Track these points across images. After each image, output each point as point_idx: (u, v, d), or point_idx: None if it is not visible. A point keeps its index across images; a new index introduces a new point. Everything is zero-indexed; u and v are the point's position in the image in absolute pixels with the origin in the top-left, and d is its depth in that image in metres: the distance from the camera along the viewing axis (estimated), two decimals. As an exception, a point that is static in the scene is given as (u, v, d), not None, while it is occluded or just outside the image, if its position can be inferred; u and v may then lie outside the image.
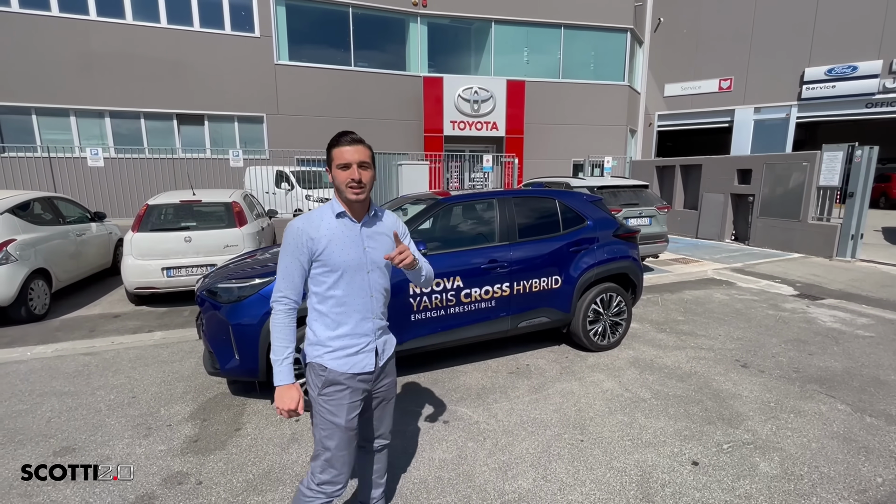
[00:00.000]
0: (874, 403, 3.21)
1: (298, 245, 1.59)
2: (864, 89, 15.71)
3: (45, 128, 12.65)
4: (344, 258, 1.62)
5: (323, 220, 1.63)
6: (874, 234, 10.62)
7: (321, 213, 1.66)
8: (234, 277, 3.07)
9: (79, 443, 2.78)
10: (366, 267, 1.66)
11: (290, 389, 1.58)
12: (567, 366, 3.88)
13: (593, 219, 4.17)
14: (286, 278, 1.61)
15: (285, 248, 1.62)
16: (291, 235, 1.61)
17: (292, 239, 1.60)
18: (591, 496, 2.30)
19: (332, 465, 1.64)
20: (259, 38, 13.88)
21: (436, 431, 2.89)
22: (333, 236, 1.62)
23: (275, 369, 1.59)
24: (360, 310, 1.66)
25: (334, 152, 1.60)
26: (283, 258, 1.62)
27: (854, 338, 4.50)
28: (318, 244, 1.60)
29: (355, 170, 1.57)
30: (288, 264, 1.61)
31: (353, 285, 1.64)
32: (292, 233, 1.61)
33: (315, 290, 1.65)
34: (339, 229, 1.63)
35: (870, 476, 2.44)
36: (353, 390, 1.66)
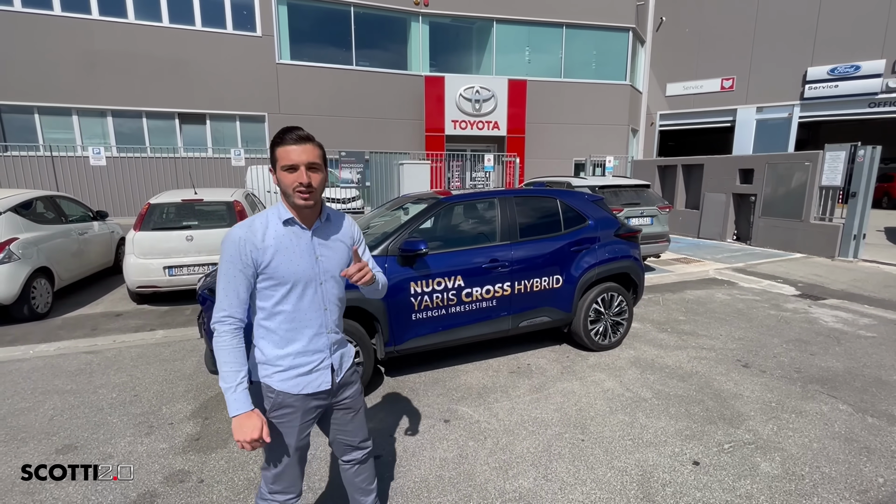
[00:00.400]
0: (876, 404, 3.20)
1: (241, 256, 1.41)
2: (867, 89, 15.66)
3: (48, 127, 12.69)
4: (293, 270, 1.45)
5: (268, 228, 1.45)
6: (877, 235, 10.59)
7: (265, 219, 1.47)
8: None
9: (81, 441, 2.79)
10: (318, 278, 1.50)
11: (251, 417, 1.38)
12: (568, 365, 3.88)
13: (594, 218, 4.17)
14: (229, 295, 1.42)
15: (225, 261, 1.42)
16: (232, 246, 1.42)
17: (234, 250, 1.41)
18: (592, 496, 2.30)
19: (281, 479, 1.56)
20: (261, 38, 13.89)
21: (437, 430, 2.89)
22: (280, 246, 1.45)
23: (228, 398, 1.38)
24: (313, 325, 1.50)
25: (279, 152, 1.42)
26: (224, 273, 1.42)
27: (856, 338, 4.49)
28: (264, 255, 1.42)
29: (303, 172, 1.40)
30: (230, 279, 1.42)
31: (304, 299, 1.48)
32: (233, 243, 1.42)
33: (261, 306, 1.48)
34: (287, 238, 1.46)
35: (871, 476, 2.44)
36: (304, 411, 1.53)
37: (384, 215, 4.42)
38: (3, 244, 4.82)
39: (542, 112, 16.21)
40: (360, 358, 3.20)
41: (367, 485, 1.84)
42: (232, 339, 1.41)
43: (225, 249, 1.43)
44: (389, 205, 4.59)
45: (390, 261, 3.28)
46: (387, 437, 2.81)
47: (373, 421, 3.00)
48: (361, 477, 1.82)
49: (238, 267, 1.41)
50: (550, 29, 16.58)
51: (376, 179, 10.55)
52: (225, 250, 1.43)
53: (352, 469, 1.79)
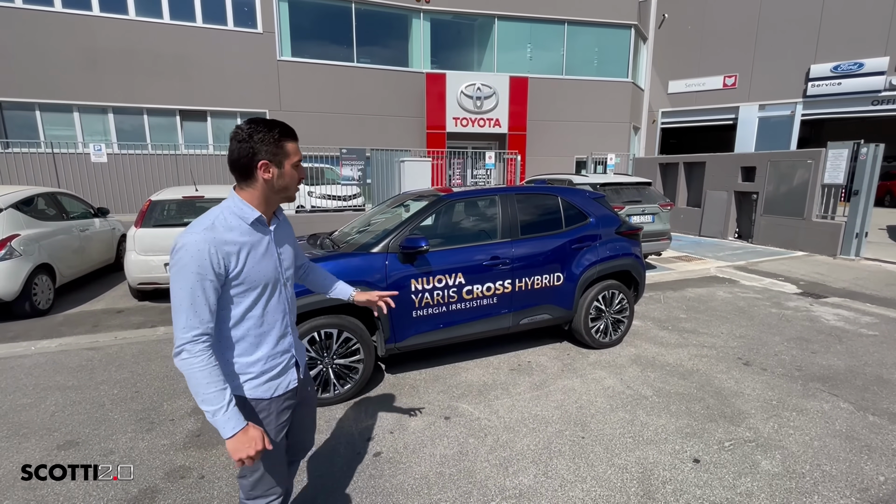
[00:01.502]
0: (877, 402, 3.19)
1: (211, 264, 1.27)
2: (871, 86, 15.58)
3: (49, 124, 12.69)
4: (263, 272, 1.39)
5: (233, 230, 1.34)
6: (879, 233, 10.56)
7: (224, 220, 1.34)
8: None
9: (82, 437, 2.80)
10: (282, 279, 1.47)
11: (248, 431, 1.30)
12: (569, 363, 3.88)
13: (596, 216, 4.16)
14: (199, 310, 1.27)
15: (191, 272, 1.26)
16: (198, 254, 1.26)
17: (201, 258, 1.26)
18: (592, 493, 2.30)
19: (262, 483, 1.50)
20: (262, 35, 13.86)
21: (437, 427, 2.90)
22: (250, 248, 1.36)
23: (219, 420, 1.26)
24: (280, 327, 1.47)
25: (290, 147, 1.38)
26: (190, 285, 1.26)
27: (857, 336, 4.48)
28: (236, 259, 1.32)
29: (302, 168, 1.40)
30: (199, 291, 1.27)
31: (271, 301, 1.44)
32: (198, 250, 1.26)
33: (228, 314, 1.38)
34: (254, 238, 1.38)
35: (872, 475, 2.43)
36: (278, 413, 1.48)
37: (385, 212, 4.42)
38: (5, 241, 4.82)
39: (544, 109, 16.16)
40: (361, 355, 3.20)
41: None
42: (210, 358, 1.28)
43: (188, 259, 1.26)
44: (390, 202, 4.59)
45: (391, 258, 3.27)
46: (387, 434, 2.82)
47: (373, 418, 3.00)
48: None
49: (208, 276, 1.27)
50: (552, 26, 16.51)
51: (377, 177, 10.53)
52: (188, 260, 1.26)
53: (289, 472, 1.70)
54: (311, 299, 2.99)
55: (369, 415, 3.05)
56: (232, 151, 1.35)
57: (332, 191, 10.69)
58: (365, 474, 2.44)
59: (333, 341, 3.10)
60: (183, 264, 1.26)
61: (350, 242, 3.66)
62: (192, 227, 1.31)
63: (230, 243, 1.32)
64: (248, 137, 1.33)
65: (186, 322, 1.26)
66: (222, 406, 1.26)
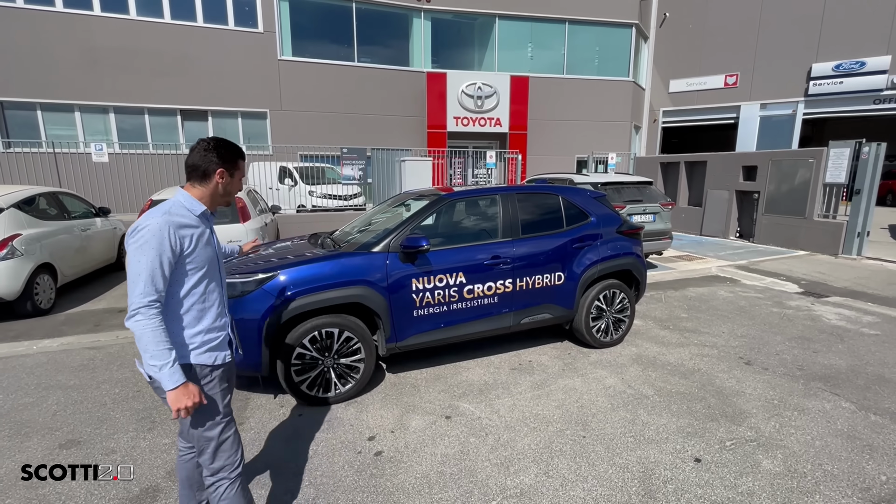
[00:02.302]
0: (879, 401, 3.19)
1: (169, 242, 1.53)
2: (872, 85, 15.55)
3: (50, 123, 12.71)
4: (208, 254, 1.67)
5: (185, 218, 1.61)
6: (881, 232, 10.54)
7: (180, 209, 1.62)
8: (238, 273, 3.08)
9: (84, 436, 2.80)
10: (220, 263, 1.79)
11: (188, 385, 1.53)
12: (569, 362, 3.87)
13: (597, 215, 4.15)
14: (156, 279, 1.50)
15: (150, 247, 1.50)
16: (158, 232, 1.51)
17: (161, 235, 1.51)
18: (594, 492, 2.30)
19: (221, 450, 1.71)
20: (262, 34, 13.86)
21: (438, 427, 2.90)
22: (198, 233, 1.64)
23: (164, 374, 1.48)
24: (218, 305, 1.73)
25: (241, 164, 1.77)
26: (148, 258, 1.49)
27: (859, 336, 4.47)
28: (189, 241, 1.59)
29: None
30: (157, 264, 1.50)
31: (213, 282, 1.71)
32: (159, 229, 1.51)
33: (176, 290, 1.60)
34: (202, 226, 1.67)
35: (874, 474, 2.43)
36: (220, 379, 1.70)
37: (385, 212, 4.41)
38: (6, 240, 4.83)
39: (545, 109, 16.14)
40: (362, 354, 3.20)
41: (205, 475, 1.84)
42: (160, 322, 1.50)
43: (150, 237, 1.51)
44: (391, 201, 4.58)
45: (392, 257, 3.27)
46: (388, 433, 2.82)
47: (374, 417, 3.01)
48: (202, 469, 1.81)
49: (166, 253, 1.52)
50: (553, 25, 16.49)
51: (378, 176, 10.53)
52: (150, 237, 1.51)
53: (194, 460, 1.88)
54: (311, 299, 3.00)
55: (370, 414, 3.05)
56: (195, 157, 1.67)
57: (333, 190, 10.69)
58: (366, 473, 2.44)
59: (334, 341, 3.10)
60: (145, 240, 1.51)
61: (351, 242, 3.66)
62: (152, 213, 1.57)
63: (184, 227, 1.59)
64: (214, 150, 1.67)
65: (144, 289, 1.49)
66: (168, 362, 1.50)
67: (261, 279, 2.98)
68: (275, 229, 7.59)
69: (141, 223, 1.54)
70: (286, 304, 2.94)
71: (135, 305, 1.48)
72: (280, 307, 2.93)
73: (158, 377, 1.50)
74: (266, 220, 6.68)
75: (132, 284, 1.49)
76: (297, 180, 10.83)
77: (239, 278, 3.01)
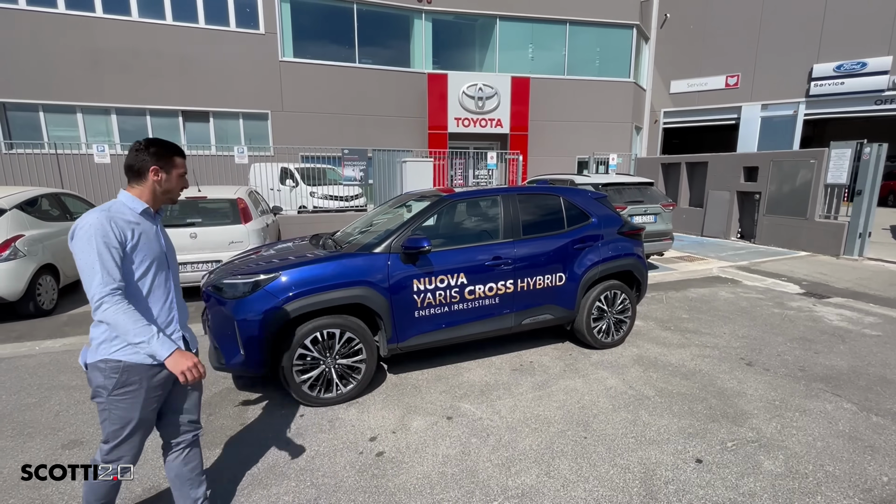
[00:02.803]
0: (881, 402, 3.19)
1: (113, 235, 1.58)
2: (874, 86, 15.54)
3: (52, 125, 12.75)
4: (153, 249, 1.71)
5: (126, 215, 1.67)
6: (882, 233, 10.52)
7: (120, 207, 1.69)
8: (240, 273, 3.09)
9: (87, 436, 2.81)
10: (167, 262, 1.80)
11: (181, 352, 1.62)
12: (571, 363, 3.88)
13: (598, 216, 4.16)
14: (111, 269, 1.56)
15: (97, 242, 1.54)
16: (101, 227, 1.56)
17: (104, 230, 1.56)
18: (595, 493, 2.30)
19: (118, 451, 1.74)
20: (264, 35, 13.89)
21: (439, 427, 2.90)
22: (141, 228, 1.68)
23: (154, 344, 1.57)
24: (164, 300, 1.75)
25: (178, 161, 1.78)
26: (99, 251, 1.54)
27: (861, 336, 4.46)
28: (132, 234, 1.64)
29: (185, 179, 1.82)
30: (107, 255, 1.55)
31: (159, 276, 1.74)
32: (101, 224, 1.57)
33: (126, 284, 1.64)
34: (144, 223, 1.71)
35: (875, 475, 2.43)
36: (150, 383, 1.69)
37: (387, 213, 4.42)
38: (9, 241, 4.85)
39: (546, 109, 16.15)
40: (364, 355, 3.20)
41: (196, 473, 1.95)
42: (129, 305, 1.58)
43: (93, 231, 1.55)
44: (392, 202, 4.59)
45: (393, 258, 3.28)
46: (389, 434, 2.82)
47: (376, 417, 3.01)
48: (191, 465, 1.93)
49: (112, 244, 1.57)
50: (554, 26, 16.51)
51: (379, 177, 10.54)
52: (93, 232, 1.55)
53: (181, 455, 1.91)
54: (313, 299, 3.01)
55: (372, 415, 3.05)
56: (129, 157, 1.71)
57: (335, 191, 10.70)
58: (368, 474, 2.45)
59: (336, 341, 3.10)
60: (88, 236, 1.55)
61: (352, 243, 3.67)
62: (90, 212, 1.63)
63: (125, 221, 1.64)
64: (145, 149, 1.71)
65: (102, 279, 1.54)
66: (153, 335, 1.58)
67: (263, 280, 2.99)
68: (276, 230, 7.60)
69: (80, 222, 1.59)
70: (288, 304, 2.95)
71: (98, 296, 1.53)
72: (282, 308, 2.93)
73: (148, 353, 1.60)
74: (267, 220, 6.69)
75: (88, 279, 1.53)
76: (298, 181, 10.85)
77: (241, 279, 3.02)
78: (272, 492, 2.32)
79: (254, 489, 2.33)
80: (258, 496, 2.28)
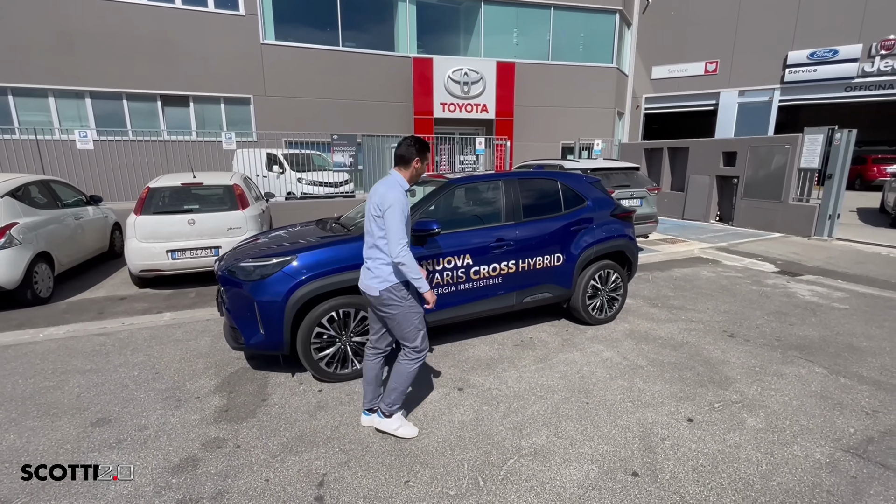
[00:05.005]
0: (848, 366, 3.53)
1: (405, 207, 2.43)
2: (844, 73, 16.14)
3: (23, 109, 12.27)
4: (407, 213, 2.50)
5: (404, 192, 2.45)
6: (850, 215, 11.12)
7: (401, 184, 2.47)
8: (259, 256, 3.19)
9: (113, 414, 2.91)
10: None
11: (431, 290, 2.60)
12: (568, 338, 4.12)
13: (592, 199, 4.37)
14: (405, 231, 2.43)
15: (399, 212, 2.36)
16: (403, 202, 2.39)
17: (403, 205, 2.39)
18: (600, 449, 2.54)
19: (425, 338, 2.60)
20: (244, 17, 13.56)
21: (452, 397, 3.10)
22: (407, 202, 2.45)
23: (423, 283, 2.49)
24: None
25: (427, 155, 2.43)
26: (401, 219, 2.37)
27: (830, 310, 4.84)
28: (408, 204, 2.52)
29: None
30: (403, 223, 2.40)
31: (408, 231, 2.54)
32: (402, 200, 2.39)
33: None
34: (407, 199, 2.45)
35: (844, 427, 2.74)
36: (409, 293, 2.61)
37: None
38: (4, 229, 4.79)
39: (530, 95, 16.26)
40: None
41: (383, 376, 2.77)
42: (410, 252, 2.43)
43: (399, 205, 2.33)
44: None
45: (403, 240, 3.42)
46: (406, 405, 3.00)
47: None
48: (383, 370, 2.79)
49: (406, 212, 2.39)
50: (538, 10, 16.54)
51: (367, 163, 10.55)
52: (399, 205, 2.34)
53: (379, 361, 2.76)
54: (330, 280, 3.14)
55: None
56: (402, 149, 2.48)
57: (322, 177, 10.67)
58: (391, 439, 2.63)
59: (351, 320, 3.25)
60: (396, 207, 2.33)
61: (359, 226, 3.79)
62: (390, 186, 2.41)
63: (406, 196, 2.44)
64: (413, 144, 2.47)
65: (402, 237, 2.36)
66: (423, 275, 2.49)
67: (283, 262, 3.11)
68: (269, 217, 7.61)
69: (389, 195, 2.34)
70: (307, 285, 3.08)
71: (401, 246, 2.34)
72: (301, 288, 3.06)
73: (419, 285, 2.45)
74: (262, 206, 6.71)
75: (394, 235, 2.34)
76: (285, 168, 10.77)
77: (262, 261, 3.12)
78: (304, 458, 2.48)
79: (286, 455, 2.50)
80: (291, 462, 2.45)
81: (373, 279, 2.47)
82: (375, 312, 2.61)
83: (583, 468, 2.39)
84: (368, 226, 2.50)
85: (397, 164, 2.51)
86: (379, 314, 2.57)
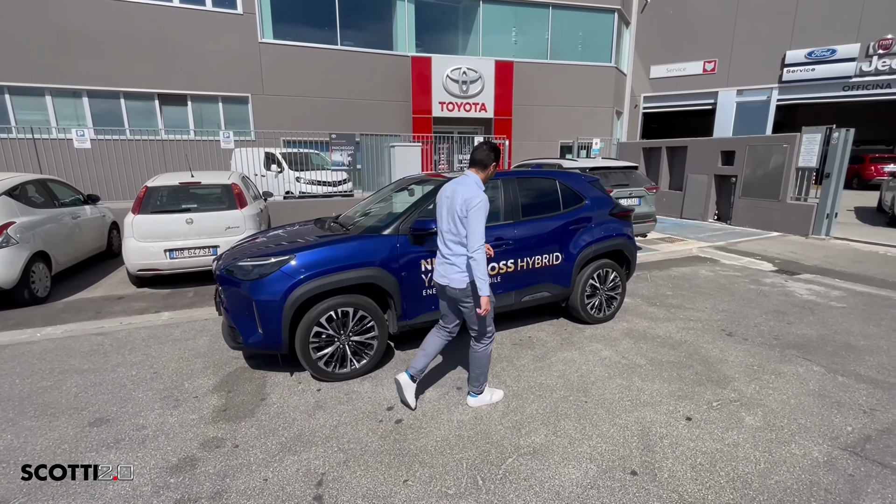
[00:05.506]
0: (845, 365, 3.53)
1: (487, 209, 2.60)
2: (842, 72, 16.18)
3: (20, 108, 12.21)
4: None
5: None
6: (847, 214, 11.15)
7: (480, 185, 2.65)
8: (258, 256, 3.19)
9: (111, 414, 2.90)
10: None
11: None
12: (566, 337, 4.12)
13: (591, 198, 4.37)
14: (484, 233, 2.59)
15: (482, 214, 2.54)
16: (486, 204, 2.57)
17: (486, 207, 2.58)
18: (599, 448, 2.55)
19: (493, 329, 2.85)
20: (242, 15, 13.51)
21: (451, 396, 3.10)
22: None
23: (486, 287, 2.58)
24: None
25: (500, 159, 2.60)
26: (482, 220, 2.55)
27: (828, 308, 4.85)
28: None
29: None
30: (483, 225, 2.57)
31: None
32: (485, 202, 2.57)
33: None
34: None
35: (841, 426, 2.75)
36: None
37: (387, 197, 4.54)
38: (1, 228, 4.78)
39: (529, 94, 16.25)
40: (376, 332, 3.36)
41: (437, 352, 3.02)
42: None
43: (482, 206, 2.52)
44: (392, 187, 4.70)
45: (402, 240, 3.42)
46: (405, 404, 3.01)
47: (390, 390, 3.19)
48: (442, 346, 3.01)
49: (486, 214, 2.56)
50: (537, 9, 16.52)
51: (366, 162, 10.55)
52: (482, 207, 2.52)
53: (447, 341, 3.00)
54: (328, 279, 3.14)
55: (386, 387, 3.23)
56: (480, 154, 2.70)
57: (321, 176, 10.66)
58: (390, 438, 2.63)
59: (350, 319, 3.25)
60: (480, 209, 2.51)
61: (358, 225, 3.79)
62: (473, 187, 2.59)
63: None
64: (490, 150, 2.70)
65: (481, 238, 2.51)
66: (488, 280, 2.58)
67: (281, 261, 3.10)
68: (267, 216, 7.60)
69: (476, 198, 2.51)
70: (305, 284, 3.07)
71: (477, 245, 2.49)
72: (299, 287, 3.06)
73: (483, 286, 2.53)
74: (260, 206, 6.70)
75: (474, 234, 2.49)
76: (283, 167, 10.75)
77: (260, 261, 3.12)
78: (302, 457, 2.48)
79: (284, 455, 2.49)
80: (289, 461, 2.44)
81: (459, 273, 2.65)
82: (454, 304, 2.81)
83: (581, 467, 2.39)
84: (449, 224, 2.66)
85: (473, 166, 2.72)
86: (460, 306, 2.77)
